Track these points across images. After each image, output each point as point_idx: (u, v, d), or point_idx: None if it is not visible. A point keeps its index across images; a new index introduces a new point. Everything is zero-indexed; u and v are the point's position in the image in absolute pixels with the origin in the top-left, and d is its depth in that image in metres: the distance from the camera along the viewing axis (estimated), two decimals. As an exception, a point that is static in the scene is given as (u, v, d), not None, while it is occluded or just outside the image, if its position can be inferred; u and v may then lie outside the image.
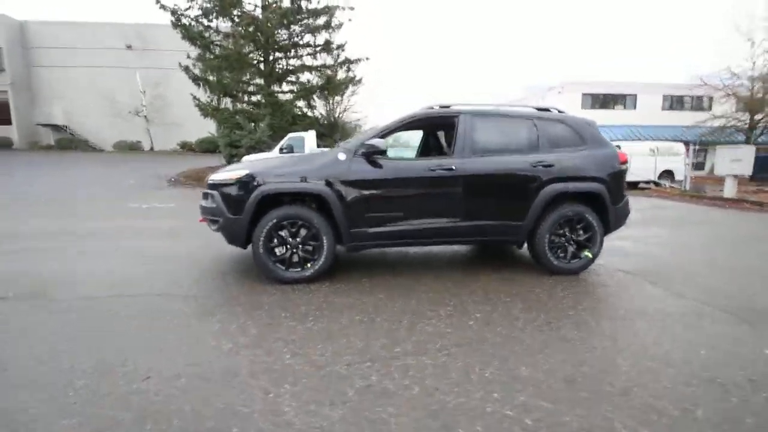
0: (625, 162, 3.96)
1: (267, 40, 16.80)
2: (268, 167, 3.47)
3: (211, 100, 17.43)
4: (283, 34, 17.27)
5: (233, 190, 3.39)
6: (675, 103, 26.97)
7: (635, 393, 1.95)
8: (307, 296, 3.18)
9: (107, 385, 1.94)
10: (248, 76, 17.44)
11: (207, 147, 26.60)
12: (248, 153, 14.05)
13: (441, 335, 2.55)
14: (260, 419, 1.71)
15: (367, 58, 18.29)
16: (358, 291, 3.32)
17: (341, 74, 17.87)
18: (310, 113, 18.62)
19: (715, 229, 7.26)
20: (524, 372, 2.14)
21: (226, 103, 17.91)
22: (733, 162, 11.13)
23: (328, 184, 3.38)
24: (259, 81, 17.72)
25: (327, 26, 17.58)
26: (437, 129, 4.47)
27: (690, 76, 20.35)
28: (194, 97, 16.88)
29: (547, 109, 4.05)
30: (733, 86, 19.47)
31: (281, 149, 11.94)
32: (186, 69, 16.86)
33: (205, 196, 3.68)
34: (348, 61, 17.96)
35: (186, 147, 28.15)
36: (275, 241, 3.41)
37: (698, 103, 26.01)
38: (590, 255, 3.84)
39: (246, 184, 3.36)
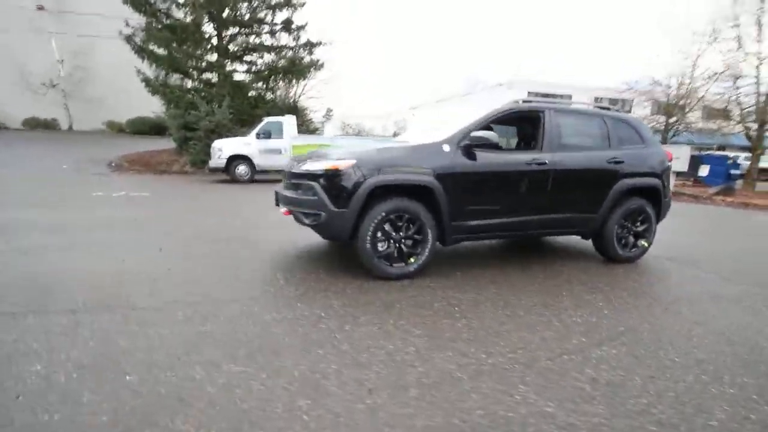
0: (671, 159, 4.38)
1: (223, 12, 15.42)
2: (375, 157, 3.25)
3: (158, 76, 15.64)
4: (242, 7, 15.99)
5: (339, 181, 3.13)
6: (603, 104, 30.10)
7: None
8: (425, 292, 3.09)
9: (334, 402, 1.74)
10: (200, 52, 15.92)
11: (140, 128, 23.87)
12: (207, 137, 12.90)
13: (592, 326, 2.65)
14: (534, 418, 1.66)
15: (330, 42, 17.78)
16: (461, 286, 3.26)
17: (305, 57, 17.05)
18: (269, 96, 17.56)
19: (695, 220, 8.30)
20: (699, 354, 2.33)
21: (175, 79, 16.21)
22: (673, 160, 12.79)
23: (437, 176, 3.28)
24: (211, 58, 16.25)
25: (287, 4, 16.66)
26: (521, 123, 4.52)
27: (619, 81, 22.85)
28: (139, 71, 14.98)
29: (608, 108, 4.32)
30: (654, 92, 22.19)
31: (258, 134, 11.14)
32: (128, 39, 14.91)
33: (295, 186, 3.36)
34: (310, 44, 17.20)
35: (114, 127, 24.95)
36: (379, 235, 3.24)
37: (621, 106, 29.29)
38: (646, 244, 4.22)
39: (353, 174, 3.12)
